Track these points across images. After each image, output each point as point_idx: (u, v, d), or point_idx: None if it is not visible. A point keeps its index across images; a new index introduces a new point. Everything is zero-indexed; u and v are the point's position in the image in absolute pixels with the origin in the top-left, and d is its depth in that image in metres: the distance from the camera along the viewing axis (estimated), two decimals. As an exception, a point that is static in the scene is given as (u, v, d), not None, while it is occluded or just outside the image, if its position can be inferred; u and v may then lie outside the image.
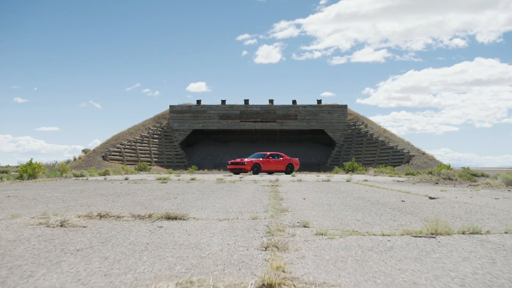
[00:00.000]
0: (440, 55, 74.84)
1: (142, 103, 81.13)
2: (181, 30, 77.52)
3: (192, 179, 17.15)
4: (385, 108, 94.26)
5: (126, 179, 17.60)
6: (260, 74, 74.56)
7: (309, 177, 20.40)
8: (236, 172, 24.16)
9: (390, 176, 23.20)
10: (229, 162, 24.88)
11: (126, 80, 72.64)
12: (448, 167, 18.71)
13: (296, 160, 25.98)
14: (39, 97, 71.11)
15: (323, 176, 21.58)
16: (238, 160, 24.63)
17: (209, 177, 19.13)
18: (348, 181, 16.60)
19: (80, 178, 18.75)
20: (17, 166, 33.65)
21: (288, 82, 74.07)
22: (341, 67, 74.45)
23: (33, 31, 65.85)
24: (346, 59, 73.61)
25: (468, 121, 73.17)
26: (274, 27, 77.67)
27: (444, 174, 16.53)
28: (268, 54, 74.41)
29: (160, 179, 17.32)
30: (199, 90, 75.55)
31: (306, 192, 10.13)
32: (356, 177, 20.35)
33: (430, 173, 29.07)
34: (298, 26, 75.85)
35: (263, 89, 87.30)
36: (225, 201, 7.62)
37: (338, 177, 19.86)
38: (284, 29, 77.27)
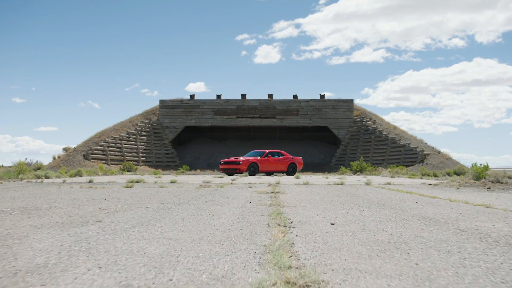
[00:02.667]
0: (439, 55, 71.22)
1: (141, 103, 77.51)
2: (179, 30, 73.66)
3: (171, 182, 13.36)
4: (385, 108, 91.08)
5: (90, 181, 13.81)
6: (259, 74, 70.75)
7: (316, 179, 16.58)
8: (230, 173, 20.36)
9: (409, 177, 19.40)
10: (222, 161, 21.03)
11: (125, 80, 68.97)
12: (487, 168, 14.94)
13: (299, 159, 22.15)
14: (38, 97, 67.81)
15: (332, 177, 17.76)
16: (232, 158, 20.79)
17: (195, 179, 15.31)
18: (367, 184, 12.82)
19: (35, 180, 14.93)
20: (10, 166, 30.05)
21: (287, 82, 70.41)
22: (340, 67, 70.67)
23: (31, 31, 62.35)
24: (345, 59, 69.85)
25: (467, 121, 69.67)
26: (273, 27, 73.90)
27: (491, 176, 12.74)
28: (267, 54, 70.68)
29: (131, 181, 13.52)
30: (198, 90, 71.97)
31: (325, 204, 6.35)
32: (373, 179, 16.51)
33: (448, 174, 25.29)
34: (298, 26, 72.03)
35: (262, 88, 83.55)
36: (180, 232, 3.81)
37: (351, 179, 16.04)
38: (283, 29, 73.38)
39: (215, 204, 6.35)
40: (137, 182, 13.61)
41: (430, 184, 13.38)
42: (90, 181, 13.85)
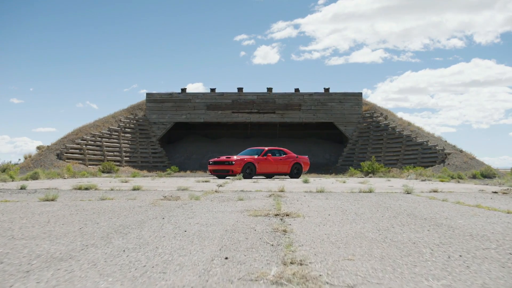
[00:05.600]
0: (438, 55, 67.57)
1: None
2: (178, 31, 69.70)
3: (134, 189, 9.33)
4: (383, 109, 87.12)
5: (22, 188, 9.76)
6: (258, 74, 66.85)
7: (331, 183, 12.51)
8: (221, 175, 16.29)
9: (441, 180, 15.34)
10: (211, 161, 16.91)
11: (123, 80, 65.18)
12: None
13: (304, 158, 18.05)
14: (35, 97, 64.41)
15: (351, 182, 13.67)
16: (223, 158, 16.66)
17: (171, 185, 11.26)
18: (408, 192, 8.81)
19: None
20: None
21: (286, 82, 66.51)
22: (339, 68, 66.78)
23: (29, 31, 58.80)
24: (344, 59, 66.01)
25: (466, 122, 66.21)
26: (271, 27, 69.99)
27: None
28: (266, 55, 66.70)
29: (78, 187, 9.56)
30: (197, 91, 68.20)
31: (423, 264, 2.29)
32: (406, 184, 12.36)
33: (474, 176, 21.26)
34: (297, 26, 68.03)
35: (261, 85, 79.53)
36: None
37: (378, 184, 11.95)
38: (282, 29, 69.28)
39: (126, 276, 2.27)
40: (86, 189, 9.61)
41: (496, 192, 9.32)
42: (22, 188, 9.80)
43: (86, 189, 9.65)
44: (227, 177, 15.99)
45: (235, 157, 16.41)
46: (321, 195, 8.18)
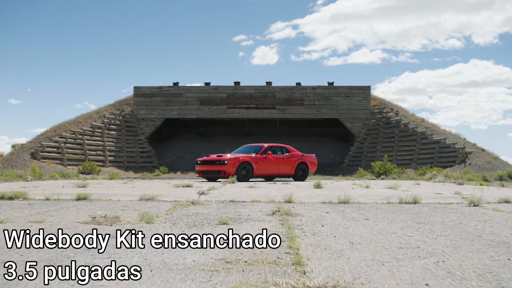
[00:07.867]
0: (436, 56, 65.26)
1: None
2: (176, 31, 66.98)
3: (78, 198, 6.38)
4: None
5: None
6: (257, 74, 64.15)
7: (350, 189, 9.50)
8: (211, 177, 13.31)
9: (481, 184, 12.38)
10: (199, 160, 13.91)
11: (122, 81, 62.59)
12: None
13: (311, 157, 15.02)
14: (33, 98, 61.96)
15: (375, 187, 10.64)
16: (213, 156, 13.66)
17: (134, 192, 8.25)
18: (474, 204, 5.89)
19: None
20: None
21: (285, 83, 64.03)
22: (338, 68, 64.02)
23: (27, 32, 56.32)
24: (343, 60, 63.39)
25: (464, 122, 63.86)
26: (270, 27, 67.57)
27: None
28: (265, 55, 63.99)
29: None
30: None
31: None
32: (458, 189, 9.33)
33: (501, 177, 18.29)
34: (295, 26, 65.33)
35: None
36: None
37: (415, 190, 8.94)
38: (281, 29, 66.42)
39: None
40: (10, 198, 6.66)
41: None
42: None
43: (11, 198, 6.70)
44: (218, 180, 13.01)
45: (228, 156, 13.41)
46: (351, 210, 5.21)
